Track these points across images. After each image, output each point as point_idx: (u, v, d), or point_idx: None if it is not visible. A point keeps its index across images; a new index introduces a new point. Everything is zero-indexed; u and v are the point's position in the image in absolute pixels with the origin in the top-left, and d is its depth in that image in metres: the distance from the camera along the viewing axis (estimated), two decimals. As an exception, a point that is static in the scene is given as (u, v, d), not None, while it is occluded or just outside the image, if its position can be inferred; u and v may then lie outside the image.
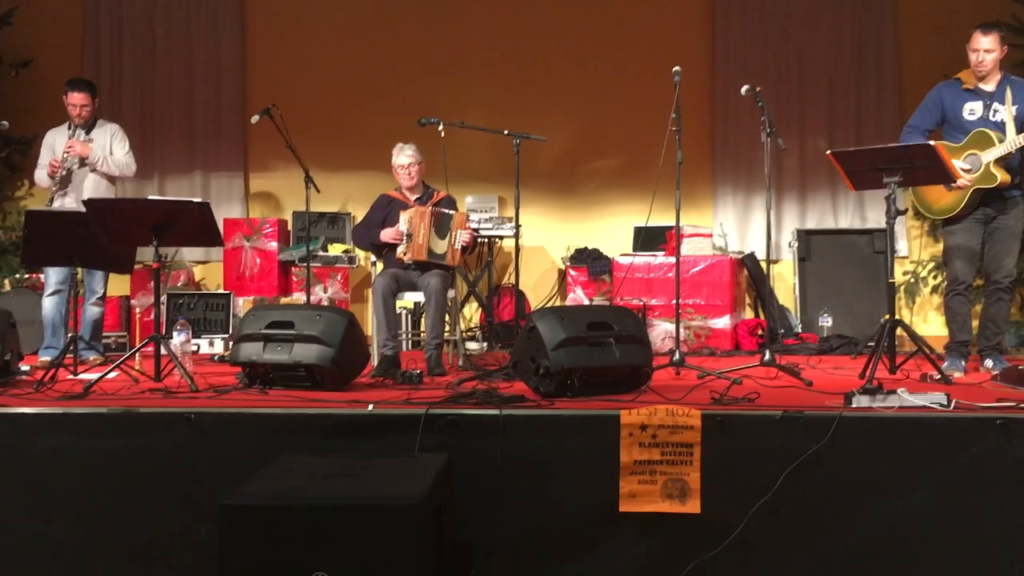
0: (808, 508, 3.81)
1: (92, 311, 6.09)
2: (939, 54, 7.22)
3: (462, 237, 5.64)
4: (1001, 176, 5.06)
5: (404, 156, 5.79)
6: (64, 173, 6.05)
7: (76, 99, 6.10)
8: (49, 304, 6.01)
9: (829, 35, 7.82)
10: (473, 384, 4.68)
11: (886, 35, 7.77)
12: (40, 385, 4.64)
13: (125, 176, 6.41)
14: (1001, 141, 5.06)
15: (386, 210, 5.81)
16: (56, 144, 6.17)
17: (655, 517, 3.81)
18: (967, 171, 5.08)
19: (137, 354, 5.28)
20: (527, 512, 3.88)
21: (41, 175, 6.21)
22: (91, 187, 6.12)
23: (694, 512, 3.80)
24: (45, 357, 5.82)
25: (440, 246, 5.61)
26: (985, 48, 5.13)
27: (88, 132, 6.18)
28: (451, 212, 5.69)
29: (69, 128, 6.17)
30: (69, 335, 5.27)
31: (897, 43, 7.76)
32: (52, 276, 6.03)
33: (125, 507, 3.96)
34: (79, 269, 6.11)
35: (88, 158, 6.10)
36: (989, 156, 5.06)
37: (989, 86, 5.22)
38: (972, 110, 5.22)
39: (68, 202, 6.05)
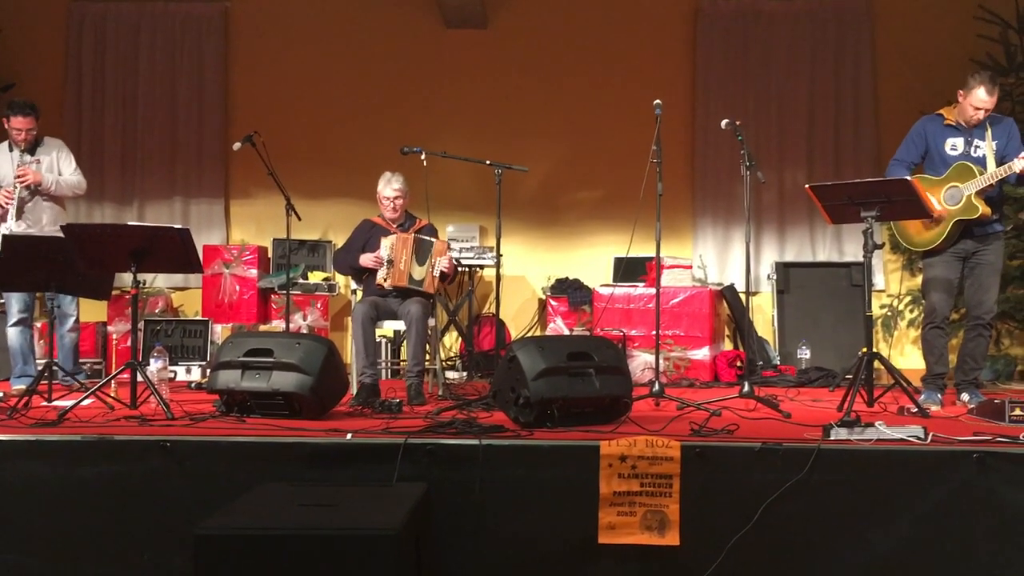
0: (787, 540, 3.81)
1: (71, 337, 5.97)
2: (916, 88, 7.33)
3: (441, 264, 5.64)
4: (982, 208, 5.10)
5: (390, 189, 5.75)
6: (16, 204, 5.77)
7: (21, 124, 5.83)
8: (15, 334, 5.86)
9: (808, 70, 7.92)
10: (452, 414, 4.67)
11: (864, 70, 7.87)
12: (13, 412, 4.58)
13: (77, 195, 6.22)
14: (982, 174, 5.11)
15: (367, 235, 5.81)
16: None
17: (634, 549, 3.81)
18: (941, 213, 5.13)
19: (113, 381, 5.23)
20: (506, 543, 3.86)
21: None
22: (46, 210, 5.94)
23: (673, 544, 3.79)
24: (19, 385, 5.70)
25: (418, 272, 5.61)
26: (988, 108, 5.14)
27: (32, 152, 5.92)
28: (432, 240, 5.70)
29: (10, 150, 5.91)
30: (43, 361, 5.18)
31: (874, 77, 7.87)
32: (14, 305, 5.84)
33: (99, 536, 3.91)
34: (39, 295, 5.99)
35: (41, 184, 5.86)
36: (970, 188, 5.11)
37: None
38: (954, 145, 5.27)
39: (19, 225, 5.82)
